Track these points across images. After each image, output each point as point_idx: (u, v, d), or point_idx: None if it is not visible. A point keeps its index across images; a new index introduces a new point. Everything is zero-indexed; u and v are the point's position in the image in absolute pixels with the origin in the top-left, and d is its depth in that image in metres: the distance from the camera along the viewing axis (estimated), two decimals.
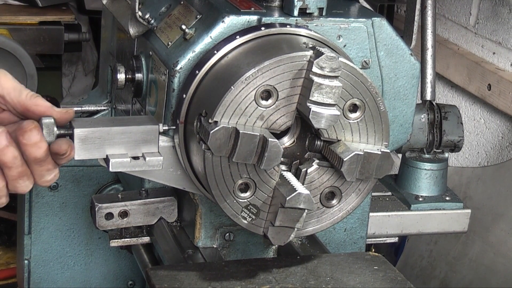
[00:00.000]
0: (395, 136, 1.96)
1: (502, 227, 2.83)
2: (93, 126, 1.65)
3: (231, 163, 1.65)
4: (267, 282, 1.72)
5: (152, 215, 1.97)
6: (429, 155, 2.46)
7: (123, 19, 2.06)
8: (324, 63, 1.61)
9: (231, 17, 1.78)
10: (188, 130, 1.75)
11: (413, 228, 2.42)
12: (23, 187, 1.60)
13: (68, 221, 2.45)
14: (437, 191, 2.46)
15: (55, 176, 1.62)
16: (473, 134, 3.14)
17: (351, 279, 1.76)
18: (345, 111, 1.68)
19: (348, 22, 1.85)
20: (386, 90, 1.92)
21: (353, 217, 2.11)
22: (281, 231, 1.70)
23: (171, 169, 1.82)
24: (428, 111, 2.42)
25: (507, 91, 2.86)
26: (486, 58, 3.05)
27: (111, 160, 1.65)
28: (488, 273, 2.84)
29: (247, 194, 1.69)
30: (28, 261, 2.46)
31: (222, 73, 1.71)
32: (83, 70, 3.82)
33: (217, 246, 1.94)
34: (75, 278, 2.51)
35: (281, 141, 1.72)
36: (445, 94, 3.28)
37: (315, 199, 1.72)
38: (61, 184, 2.41)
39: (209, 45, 1.77)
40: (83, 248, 2.49)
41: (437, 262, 3.07)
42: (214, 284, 1.70)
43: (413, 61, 1.93)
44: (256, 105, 1.63)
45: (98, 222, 1.94)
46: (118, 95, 2.25)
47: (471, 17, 3.13)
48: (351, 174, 1.67)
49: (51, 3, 3.39)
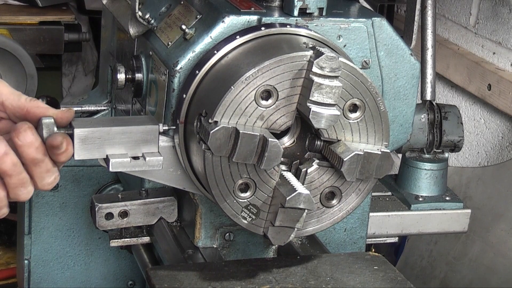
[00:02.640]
0: (395, 136, 1.96)
1: (502, 227, 2.83)
2: (93, 126, 1.65)
3: (231, 163, 1.65)
4: (267, 282, 1.72)
5: (152, 215, 1.97)
6: (429, 155, 2.46)
7: (123, 19, 2.06)
8: (324, 63, 1.61)
9: (231, 17, 1.78)
10: (188, 130, 1.75)
11: (413, 228, 2.42)
12: (24, 194, 1.60)
13: (68, 221, 2.45)
14: (437, 191, 2.46)
15: (55, 178, 1.62)
16: (473, 134, 3.14)
17: (351, 279, 1.76)
18: (345, 111, 1.68)
19: (348, 22, 1.85)
20: (386, 90, 1.92)
21: (353, 217, 2.11)
22: (281, 231, 1.70)
23: (171, 169, 1.82)
24: (428, 111, 2.42)
25: (507, 91, 2.86)
26: (486, 58, 3.04)
27: (111, 160, 1.65)
28: (488, 273, 2.84)
29: (247, 194, 1.69)
30: (28, 261, 2.46)
31: (222, 73, 1.71)
32: (83, 70, 3.82)
33: (217, 246, 1.94)
34: (75, 278, 2.51)
35: (281, 141, 1.72)
36: (445, 94, 3.28)
37: (315, 199, 1.72)
38: (61, 184, 2.41)
39: (209, 45, 1.77)
40: (83, 248, 2.49)
41: (437, 262, 3.07)
42: (214, 284, 1.70)
43: (413, 61, 1.93)
44: (256, 105, 1.63)
45: (98, 222, 1.94)
46: (118, 95, 2.25)
47: (471, 17, 3.13)
48: (351, 174, 1.67)
49: (51, 3, 3.39)
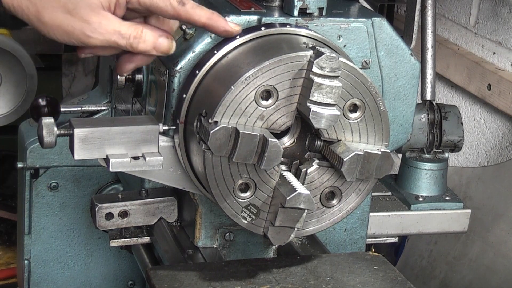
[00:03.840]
0: (395, 136, 1.96)
1: (502, 227, 2.83)
2: (93, 126, 1.65)
3: (231, 163, 1.65)
4: (267, 282, 1.72)
5: (152, 215, 1.97)
6: (429, 155, 2.46)
7: None
8: (324, 63, 1.61)
9: (231, 17, 1.78)
10: (188, 130, 1.75)
11: (413, 228, 2.42)
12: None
13: (68, 221, 2.45)
14: (437, 191, 2.46)
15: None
16: (473, 134, 3.14)
17: (351, 279, 1.76)
18: (345, 111, 1.68)
19: (348, 22, 1.85)
20: (386, 90, 1.92)
21: (353, 217, 2.11)
22: (281, 231, 1.70)
23: (171, 169, 1.82)
24: (428, 111, 2.42)
25: (507, 91, 2.86)
26: (486, 58, 3.05)
27: (111, 160, 1.65)
28: (488, 273, 2.84)
29: (247, 194, 1.69)
30: (28, 261, 2.46)
31: (222, 73, 1.71)
32: (83, 70, 3.82)
33: (217, 246, 1.94)
34: (75, 278, 2.51)
35: (281, 141, 1.72)
36: (445, 94, 3.28)
37: (315, 199, 1.72)
38: (61, 184, 2.41)
39: (209, 45, 1.77)
40: (83, 248, 2.49)
41: (437, 262, 3.07)
42: (214, 284, 1.70)
43: (413, 61, 1.93)
44: (256, 105, 1.63)
45: (98, 222, 1.94)
46: (118, 95, 2.25)
47: (471, 17, 3.13)
48: (351, 174, 1.67)
49: None
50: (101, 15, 1.63)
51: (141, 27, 1.67)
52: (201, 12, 1.68)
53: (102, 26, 1.63)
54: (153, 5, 1.66)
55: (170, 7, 1.66)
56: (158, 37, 1.68)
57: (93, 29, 1.63)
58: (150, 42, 1.67)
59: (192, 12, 1.67)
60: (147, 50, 1.67)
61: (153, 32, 1.68)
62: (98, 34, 1.63)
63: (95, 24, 1.63)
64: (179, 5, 1.66)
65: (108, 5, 1.64)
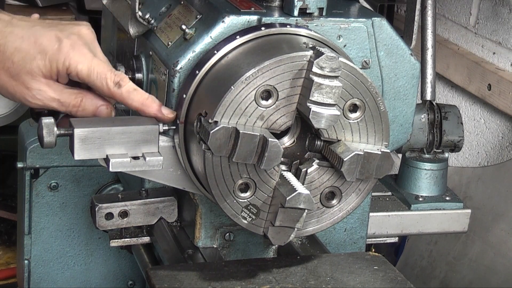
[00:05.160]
0: (395, 136, 1.96)
1: (502, 227, 2.83)
2: (93, 126, 1.65)
3: (231, 163, 1.65)
4: (267, 282, 1.72)
5: (152, 215, 1.97)
6: (429, 155, 2.46)
7: (123, 19, 2.06)
8: (324, 63, 1.61)
9: (231, 17, 1.78)
10: (188, 130, 1.75)
11: (413, 228, 2.42)
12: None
13: (68, 221, 2.45)
14: (437, 191, 2.46)
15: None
16: (473, 134, 3.14)
17: (351, 279, 1.76)
18: (345, 111, 1.68)
19: (348, 22, 1.85)
20: (386, 90, 1.92)
21: (353, 217, 2.11)
22: (281, 231, 1.70)
23: (171, 169, 1.82)
24: (428, 111, 2.42)
25: (507, 91, 2.86)
26: (486, 58, 3.05)
27: (111, 160, 1.65)
28: (488, 273, 2.84)
29: (247, 194, 1.69)
30: (28, 261, 2.46)
31: (222, 73, 1.71)
32: None
33: (217, 246, 1.94)
34: (75, 278, 2.51)
35: (281, 141, 1.72)
36: (445, 94, 3.28)
37: (315, 199, 1.72)
38: (61, 184, 2.41)
39: (209, 45, 1.77)
40: (83, 248, 2.49)
41: (437, 262, 3.07)
42: (214, 284, 1.70)
43: (413, 61, 1.93)
44: (256, 105, 1.63)
45: (98, 222, 1.94)
46: None
47: (471, 17, 3.13)
48: (351, 174, 1.67)
49: (51, 3, 3.39)
50: (41, 83, 1.70)
51: (81, 96, 1.72)
52: (135, 97, 1.73)
53: (41, 93, 1.70)
54: (90, 82, 1.72)
55: (105, 88, 1.71)
56: (99, 106, 1.74)
57: (33, 96, 1.70)
58: (90, 111, 1.74)
59: (126, 96, 1.72)
60: (88, 116, 1.74)
61: (93, 101, 1.74)
62: (37, 100, 1.71)
63: (35, 91, 1.70)
64: (115, 87, 1.71)
65: (49, 74, 1.70)
